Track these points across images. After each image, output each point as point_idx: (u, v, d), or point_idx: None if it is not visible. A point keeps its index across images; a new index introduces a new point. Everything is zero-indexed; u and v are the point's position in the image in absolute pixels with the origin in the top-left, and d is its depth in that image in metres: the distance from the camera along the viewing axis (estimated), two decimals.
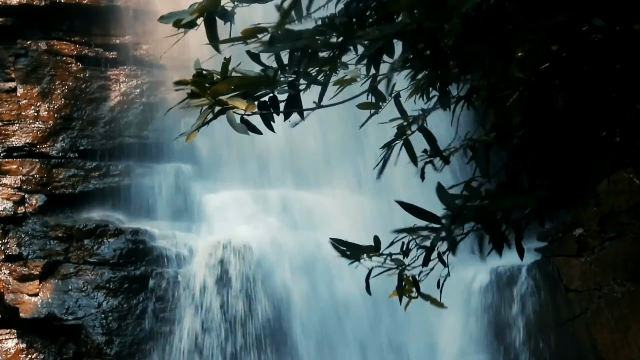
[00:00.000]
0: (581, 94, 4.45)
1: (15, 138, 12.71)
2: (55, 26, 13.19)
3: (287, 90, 3.76)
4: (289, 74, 3.73)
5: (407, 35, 3.34)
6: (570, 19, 3.72)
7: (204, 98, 3.41)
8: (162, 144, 13.23)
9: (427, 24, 3.25)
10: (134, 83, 13.43)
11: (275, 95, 3.71)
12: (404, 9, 3.33)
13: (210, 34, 3.75)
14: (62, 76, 13.04)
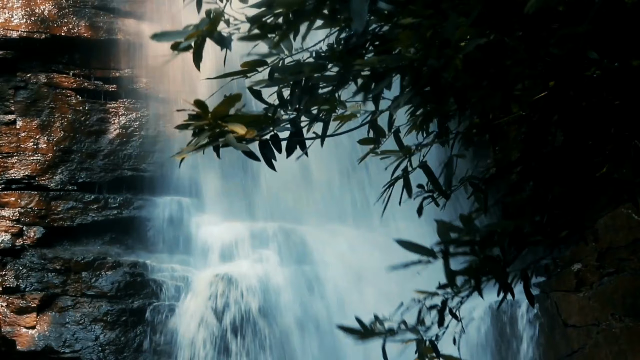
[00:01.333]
0: (580, 130, 4.46)
1: (14, 170, 12.72)
2: (55, 59, 13.24)
3: (289, 128, 3.76)
4: (290, 111, 3.74)
5: (409, 71, 3.35)
6: (568, 52, 3.73)
7: (205, 120, 3.40)
8: (161, 176, 13.25)
9: (430, 61, 3.26)
10: (133, 116, 13.46)
11: (276, 133, 3.72)
12: (403, 45, 3.34)
13: (196, 56, 3.74)
14: (62, 109, 13.07)
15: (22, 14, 12.90)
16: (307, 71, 3.61)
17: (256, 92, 3.71)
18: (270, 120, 3.64)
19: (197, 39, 3.69)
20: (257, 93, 3.71)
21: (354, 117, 4.20)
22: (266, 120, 3.63)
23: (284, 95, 3.80)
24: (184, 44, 3.69)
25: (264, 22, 3.54)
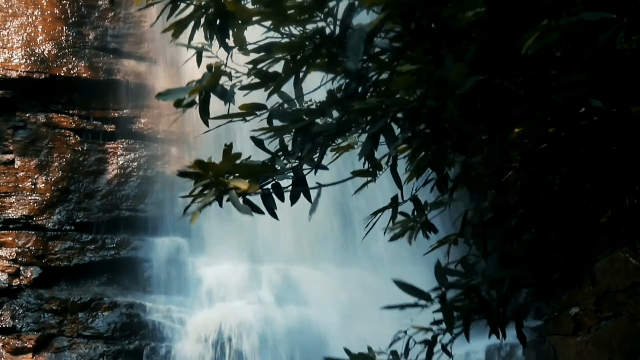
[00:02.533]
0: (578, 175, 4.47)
1: (12, 210, 12.71)
2: (54, 99, 13.28)
3: (291, 176, 3.78)
4: (292, 159, 3.76)
5: (407, 112, 3.37)
6: (568, 99, 3.75)
7: (206, 179, 3.43)
8: (159, 217, 13.25)
9: (428, 102, 3.28)
10: (131, 156, 13.48)
11: (278, 182, 3.73)
12: (402, 88, 3.36)
13: (203, 112, 3.78)
14: (60, 149, 13.08)
15: (22, 54, 12.95)
16: (307, 117, 3.63)
17: (258, 140, 3.73)
18: (272, 169, 3.65)
19: (200, 93, 3.72)
20: (260, 142, 3.73)
21: (351, 148, 4.22)
22: (267, 169, 3.64)
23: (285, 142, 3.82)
24: (187, 99, 3.73)
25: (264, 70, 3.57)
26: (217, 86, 3.72)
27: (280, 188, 3.77)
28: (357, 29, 3.33)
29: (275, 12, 3.43)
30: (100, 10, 13.68)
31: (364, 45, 3.31)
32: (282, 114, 3.73)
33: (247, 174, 3.51)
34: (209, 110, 3.79)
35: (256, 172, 3.58)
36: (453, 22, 4.15)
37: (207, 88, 3.73)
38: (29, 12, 13.15)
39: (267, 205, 3.73)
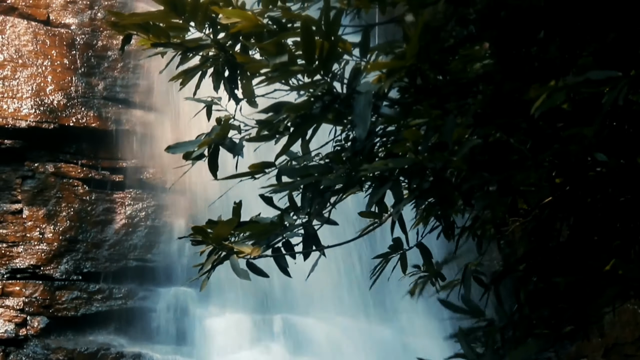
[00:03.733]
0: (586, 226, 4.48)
1: (20, 260, 12.71)
2: (63, 149, 13.33)
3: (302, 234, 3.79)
4: (302, 215, 3.77)
5: (412, 173, 3.39)
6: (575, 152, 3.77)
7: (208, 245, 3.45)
8: (166, 267, 13.25)
9: (429, 164, 3.30)
10: (139, 206, 13.50)
11: (288, 240, 3.74)
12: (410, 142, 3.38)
13: (212, 166, 3.80)
14: (68, 198, 13.11)
15: (31, 104, 13.01)
16: (316, 174, 3.65)
17: (267, 198, 3.75)
18: (281, 226, 3.67)
19: (209, 147, 3.75)
20: (269, 199, 3.75)
21: (359, 191, 4.23)
22: (277, 227, 3.66)
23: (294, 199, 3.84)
24: (196, 152, 3.75)
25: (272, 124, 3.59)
26: (226, 139, 3.75)
27: (291, 245, 3.78)
28: (364, 92, 3.35)
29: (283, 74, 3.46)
30: (109, 60, 13.76)
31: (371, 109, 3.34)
32: (291, 171, 3.75)
33: (256, 233, 3.53)
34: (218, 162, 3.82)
35: (265, 231, 3.60)
36: (460, 75, 4.18)
37: (216, 141, 3.76)
38: (38, 63, 13.24)
39: (278, 264, 3.73)
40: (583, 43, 3.99)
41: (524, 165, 3.82)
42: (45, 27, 13.51)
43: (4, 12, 13.36)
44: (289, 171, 3.76)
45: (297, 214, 3.79)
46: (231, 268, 3.50)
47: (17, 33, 13.27)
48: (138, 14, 3.81)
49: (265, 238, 3.61)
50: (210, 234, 3.51)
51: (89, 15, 13.79)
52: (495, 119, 3.83)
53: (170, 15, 3.69)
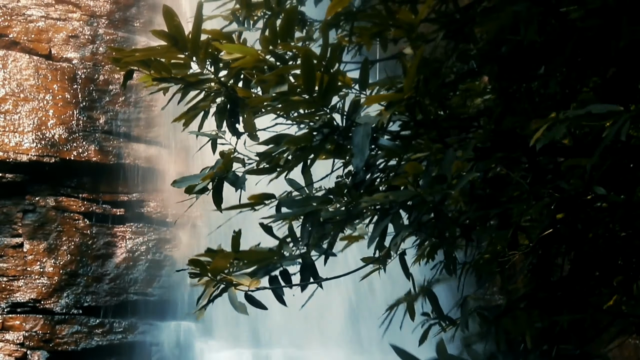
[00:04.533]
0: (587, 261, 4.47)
1: (20, 294, 12.69)
2: (64, 183, 13.34)
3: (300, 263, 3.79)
4: (301, 246, 3.77)
5: (412, 206, 3.39)
6: (575, 186, 3.77)
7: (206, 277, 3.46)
8: (167, 301, 13.22)
9: (429, 198, 3.30)
10: (140, 240, 13.50)
11: (286, 269, 3.74)
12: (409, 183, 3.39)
13: (216, 199, 3.82)
14: (69, 232, 13.11)
15: (32, 138, 13.04)
16: (316, 205, 3.65)
17: (267, 227, 3.75)
18: (280, 256, 3.67)
19: (212, 181, 3.77)
20: (268, 228, 3.75)
21: (361, 239, 4.23)
22: (275, 256, 3.66)
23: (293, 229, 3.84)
24: (199, 186, 3.77)
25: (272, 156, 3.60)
26: (229, 173, 3.76)
27: (288, 274, 3.78)
28: (363, 124, 3.36)
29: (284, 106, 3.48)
30: (111, 94, 13.80)
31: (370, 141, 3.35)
32: (291, 203, 3.75)
33: (254, 262, 3.52)
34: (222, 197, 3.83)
35: (263, 260, 3.60)
36: (461, 109, 4.20)
37: (219, 175, 3.77)
38: (40, 97, 13.28)
39: (275, 293, 3.73)
40: (583, 78, 4.01)
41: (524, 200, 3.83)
42: (47, 61, 13.56)
43: (6, 46, 13.42)
44: (289, 203, 3.76)
45: (296, 244, 3.79)
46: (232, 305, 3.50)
47: (19, 67, 13.32)
48: (139, 50, 3.83)
49: (263, 267, 3.61)
50: (207, 267, 3.50)
51: (90, 49, 13.84)
52: (495, 154, 3.84)
53: (172, 50, 3.71)
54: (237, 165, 3.88)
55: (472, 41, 4.14)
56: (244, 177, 3.79)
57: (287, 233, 3.83)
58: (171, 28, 3.67)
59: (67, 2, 13.92)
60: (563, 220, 4.15)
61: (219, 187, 3.85)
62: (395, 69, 4.45)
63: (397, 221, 3.39)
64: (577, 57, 4.03)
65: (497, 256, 4.58)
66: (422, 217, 3.45)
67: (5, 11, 13.49)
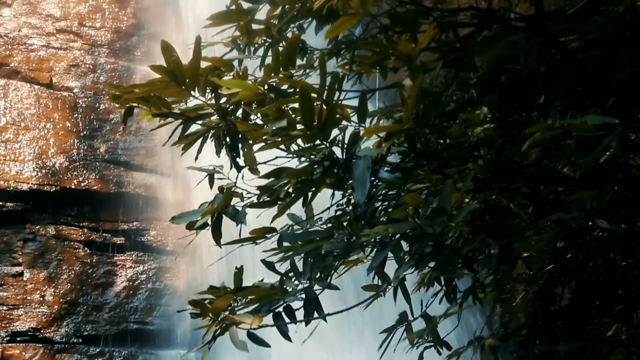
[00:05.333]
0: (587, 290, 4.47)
1: (20, 322, 12.66)
2: (64, 211, 13.33)
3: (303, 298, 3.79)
4: (303, 280, 3.77)
5: (412, 238, 3.40)
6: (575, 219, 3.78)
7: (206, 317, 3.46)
8: (167, 330, 13.18)
9: (429, 230, 3.31)
10: (140, 269, 13.48)
11: (289, 305, 3.74)
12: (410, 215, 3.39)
13: (215, 235, 3.83)
14: (69, 261, 13.09)
15: (33, 167, 13.04)
16: (317, 240, 3.66)
17: (269, 263, 3.76)
18: (282, 291, 3.67)
19: (212, 215, 3.78)
20: (270, 264, 3.76)
21: (360, 263, 4.23)
22: (278, 291, 3.66)
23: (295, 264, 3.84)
24: (200, 222, 3.78)
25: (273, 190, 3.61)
26: (229, 207, 3.77)
27: (291, 309, 3.77)
28: (363, 156, 3.37)
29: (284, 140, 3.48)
30: (112, 123, 13.82)
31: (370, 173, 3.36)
32: (292, 237, 3.76)
33: (257, 300, 3.52)
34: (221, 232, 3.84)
35: (266, 296, 3.60)
36: (461, 139, 4.20)
37: (218, 210, 3.78)
38: (41, 126, 13.30)
39: (280, 329, 3.73)
40: (583, 108, 4.02)
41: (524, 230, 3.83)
42: (47, 90, 13.59)
43: (7, 75, 13.45)
44: (290, 237, 3.77)
45: (298, 278, 3.79)
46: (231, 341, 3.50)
47: (20, 96, 13.34)
48: (138, 86, 3.83)
49: (266, 303, 3.61)
50: (208, 307, 3.51)
51: (91, 78, 13.88)
52: (495, 184, 3.85)
53: (171, 85, 3.72)
54: (235, 199, 3.89)
55: (472, 70, 4.16)
56: (244, 212, 3.80)
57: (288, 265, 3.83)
58: (170, 63, 3.68)
59: (68, 32, 13.96)
60: (564, 249, 4.15)
61: (219, 222, 3.86)
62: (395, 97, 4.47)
63: (397, 252, 3.39)
64: (577, 87, 4.04)
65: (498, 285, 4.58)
66: (423, 248, 3.45)
67: (7, 40, 13.52)
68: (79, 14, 14.06)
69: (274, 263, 3.82)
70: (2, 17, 13.61)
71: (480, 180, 3.80)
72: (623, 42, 3.79)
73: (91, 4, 14.14)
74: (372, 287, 4.26)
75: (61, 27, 13.91)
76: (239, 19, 4.41)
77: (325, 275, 3.76)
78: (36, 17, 13.80)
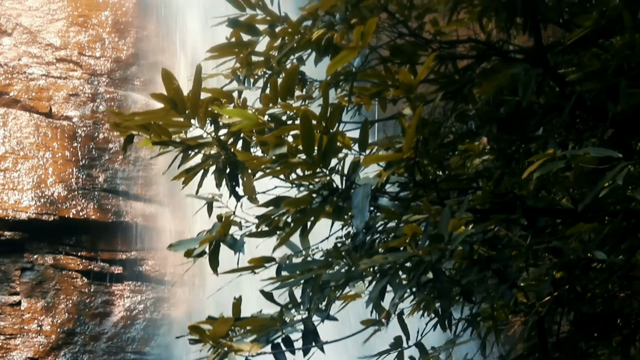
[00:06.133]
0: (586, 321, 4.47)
1: (17, 352, 12.62)
2: (62, 240, 13.32)
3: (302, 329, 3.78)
4: (301, 310, 3.77)
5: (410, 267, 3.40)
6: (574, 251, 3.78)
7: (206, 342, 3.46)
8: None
9: (427, 257, 3.31)
10: (138, 299, 13.45)
11: (288, 335, 3.74)
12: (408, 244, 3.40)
13: (212, 263, 3.83)
14: (67, 290, 13.08)
15: (32, 196, 13.05)
16: (316, 269, 3.66)
17: (267, 293, 3.75)
18: (281, 322, 3.66)
19: (210, 244, 3.78)
20: (269, 295, 3.75)
21: (359, 297, 4.22)
22: (277, 322, 3.65)
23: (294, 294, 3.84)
24: (198, 250, 3.78)
25: (272, 219, 3.61)
26: (227, 236, 3.77)
27: (290, 340, 3.76)
28: (363, 185, 3.38)
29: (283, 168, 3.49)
30: (111, 152, 13.84)
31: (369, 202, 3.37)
32: (291, 267, 3.76)
33: (256, 330, 3.52)
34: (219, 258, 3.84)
35: (265, 326, 3.59)
36: (460, 170, 4.21)
37: (217, 238, 3.78)
38: (40, 155, 13.31)
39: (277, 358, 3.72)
40: (582, 140, 4.03)
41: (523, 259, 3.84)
42: (47, 119, 13.61)
43: (6, 104, 13.48)
44: (289, 266, 3.77)
45: (297, 309, 3.78)
46: None
47: (19, 125, 13.37)
48: (139, 114, 3.85)
49: (264, 334, 3.60)
50: (207, 333, 3.50)
51: (90, 107, 13.90)
52: (494, 215, 3.86)
53: (171, 113, 3.73)
54: (234, 228, 3.89)
55: (470, 102, 4.17)
56: (242, 240, 3.80)
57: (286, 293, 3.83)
58: (170, 91, 3.69)
59: (68, 61, 14.00)
60: (562, 280, 4.15)
61: (216, 250, 3.86)
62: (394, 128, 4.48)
63: (395, 281, 3.39)
64: (575, 119, 4.06)
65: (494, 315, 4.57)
66: (421, 277, 3.45)
67: (7, 69, 13.56)
68: (79, 43, 14.09)
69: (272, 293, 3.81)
70: (2, 46, 13.66)
71: (479, 211, 3.81)
72: (621, 75, 3.81)
73: (91, 34, 14.18)
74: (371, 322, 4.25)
75: (61, 57, 13.95)
76: (239, 51, 4.43)
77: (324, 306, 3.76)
78: (36, 46, 13.84)
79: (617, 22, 3.92)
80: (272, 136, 3.58)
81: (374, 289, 3.52)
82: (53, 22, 14.04)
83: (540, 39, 4.00)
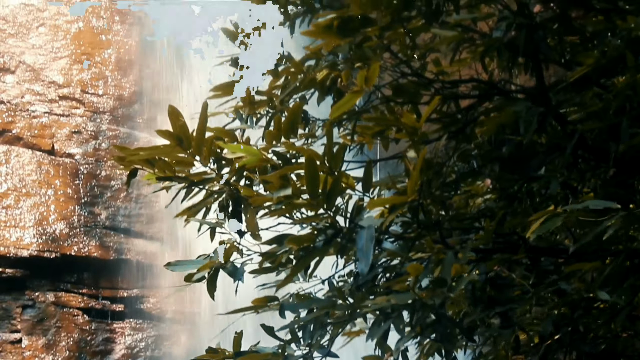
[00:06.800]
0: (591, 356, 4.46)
1: None
2: (64, 278, 13.31)
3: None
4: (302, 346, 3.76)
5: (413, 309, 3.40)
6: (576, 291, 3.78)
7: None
8: None
9: (429, 301, 3.31)
10: (139, 336, 13.42)
11: None
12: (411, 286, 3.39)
13: (210, 289, 3.82)
14: (68, 328, 13.05)
15: (33, 233, 13.05)
16: (318, 310, 3.65)
17: (268, 328, 3.75)
18: (282, 357, 3.66)
19: (210, 270, 3.77)
20: (270, 329, 3.75)
21: (362, 333, 4.21)
22: (277, 357, 3.65)
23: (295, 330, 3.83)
24: (197, 275, 3.77)
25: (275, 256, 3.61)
26: (228, 263, 3.77)
27: None
28: (367, 227, 3.38)
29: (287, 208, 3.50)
30: (112, 190, 13.85)
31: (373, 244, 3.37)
32: (294, 306, 3.75)
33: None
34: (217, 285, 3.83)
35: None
36: (462, 210, 4.22)
37: (218, 265, 3.78)
38: (42, 192, 13.33)
39: None
40: (584, 179, 4.04)
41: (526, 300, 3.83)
42: (49, 156, 13.64)
43: (9, 141, 13.51)
44: (292, 306, 3.76)
45: (298, 345, 3.78)
46: None
47: (22, 162, 13.39)
48: (144, 149, 3.86)
49: None
50: None
51: (93, 145, 13.94)
52: (496, 255, 3.86)
53: (176, 149, 3.74)
54: (234, 255, 3.89)
55: (473, 141, 4.18)
56: (242, 269, 3.79)
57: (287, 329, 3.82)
58: (176, 128, 3.70)
59: (71, 98, 14.05)
60: (564, 320, 4.15)
61: (214, 277, 3.85)
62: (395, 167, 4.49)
63: (398, 324, 3.39)
64: (577, 159, 4.06)
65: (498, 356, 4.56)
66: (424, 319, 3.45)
67: (10, 107, 13.60)
68: (82, 81, 14.15)
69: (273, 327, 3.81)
70: (6, 83, 13.71)
71: (481, 251, 3.81)
72: (623, 115, 3.82)
73: (94, 71, 14.24)
74: (373, 358, 4.24)
75: (64, 94, 14.00)
76: None
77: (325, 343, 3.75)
78: (39, 83, 13.89)
79: (619, 62, 3.93)
80: (276, 176, 3.59)
81: (377, 331, 3.52)
82: (56, 60, 14.10)
83: (542, 78, 4.01)
